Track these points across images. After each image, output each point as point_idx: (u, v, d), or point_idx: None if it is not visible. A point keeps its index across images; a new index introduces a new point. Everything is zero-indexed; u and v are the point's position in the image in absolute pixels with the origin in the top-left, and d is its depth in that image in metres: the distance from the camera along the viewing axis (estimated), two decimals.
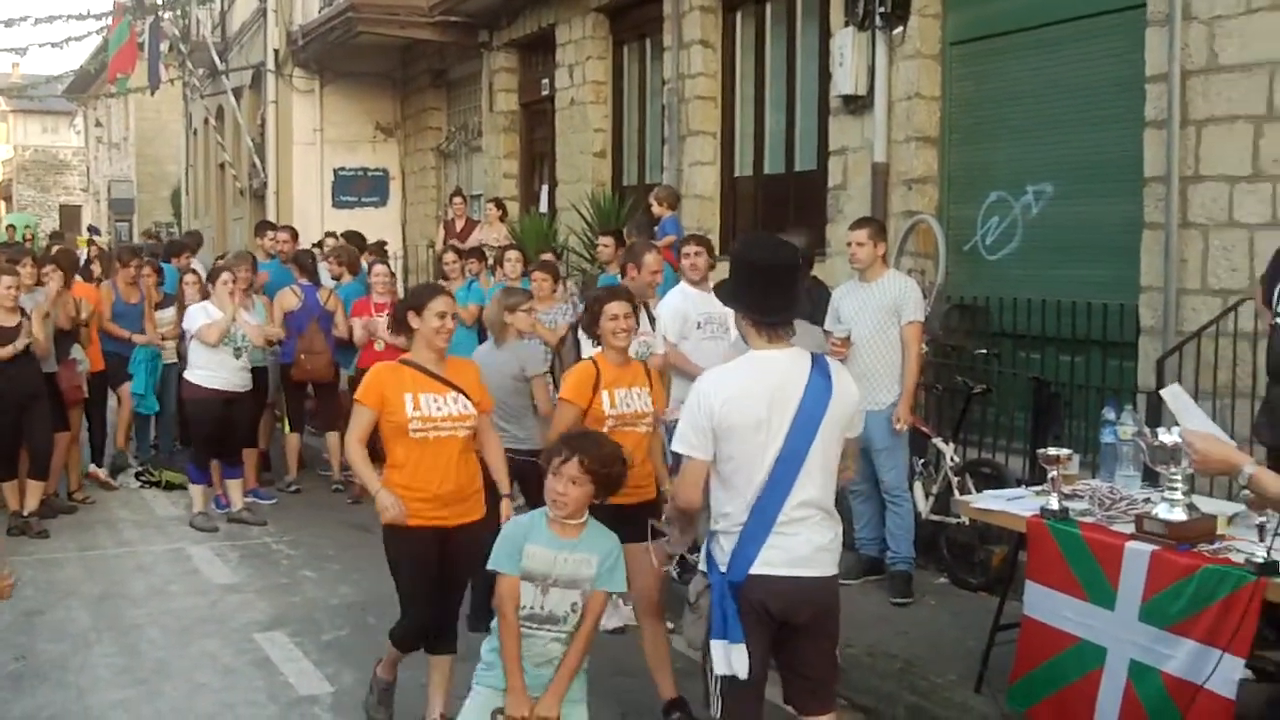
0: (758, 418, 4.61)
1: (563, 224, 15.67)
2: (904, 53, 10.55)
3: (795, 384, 4.66)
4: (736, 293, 4.85)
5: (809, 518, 4.69)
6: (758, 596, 4.64)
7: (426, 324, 6.00)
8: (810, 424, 4.64)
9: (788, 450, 4.61)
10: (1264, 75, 7.77)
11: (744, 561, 4.64)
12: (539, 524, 5.13)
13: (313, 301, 11.88)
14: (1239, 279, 7.86)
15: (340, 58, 21.18)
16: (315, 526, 10.79)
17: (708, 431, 4.65)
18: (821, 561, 4.74)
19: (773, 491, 4.62)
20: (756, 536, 4.63)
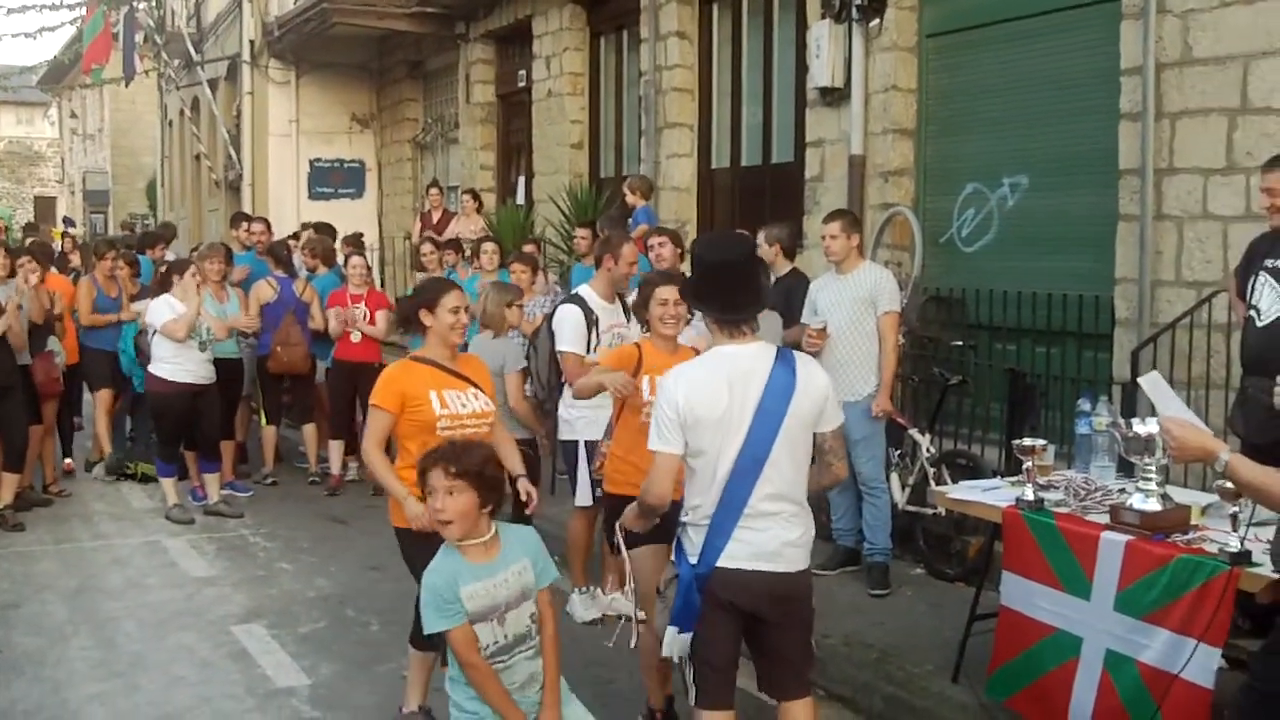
0: (721, 411, 4.66)
1: (540, 216, 15.68)
2: (880, 45, 10.57)
3: (758, 377, 4.70)
4: (697, 292, 4.95)
5: (778, 512, 4.73)
6: (723, 589, 4.70)
7: (440, 320, 5.85)
8: (773, 417, 4.68)
9: (751, 443, 4.65)
10: (1237, 68, 7.82)
11: (712, 553, 4.70)
12: (457, 562, 4.65)
13: (288, 293, 11.85)
14: (1213, 271, 7.91)
15: (316, 49, 21.11)
16: (292, 519, 10.77)
17: (676, 426, 4.69)
18: (789, 557, 4.78)
19: (738, 485, 4.67)
20: (723, 529, 4.68)
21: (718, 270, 4.87)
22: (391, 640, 7.66)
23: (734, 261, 4.90)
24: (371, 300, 11.66)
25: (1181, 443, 4.25)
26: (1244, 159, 7.76)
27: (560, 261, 13.66)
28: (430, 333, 5.92)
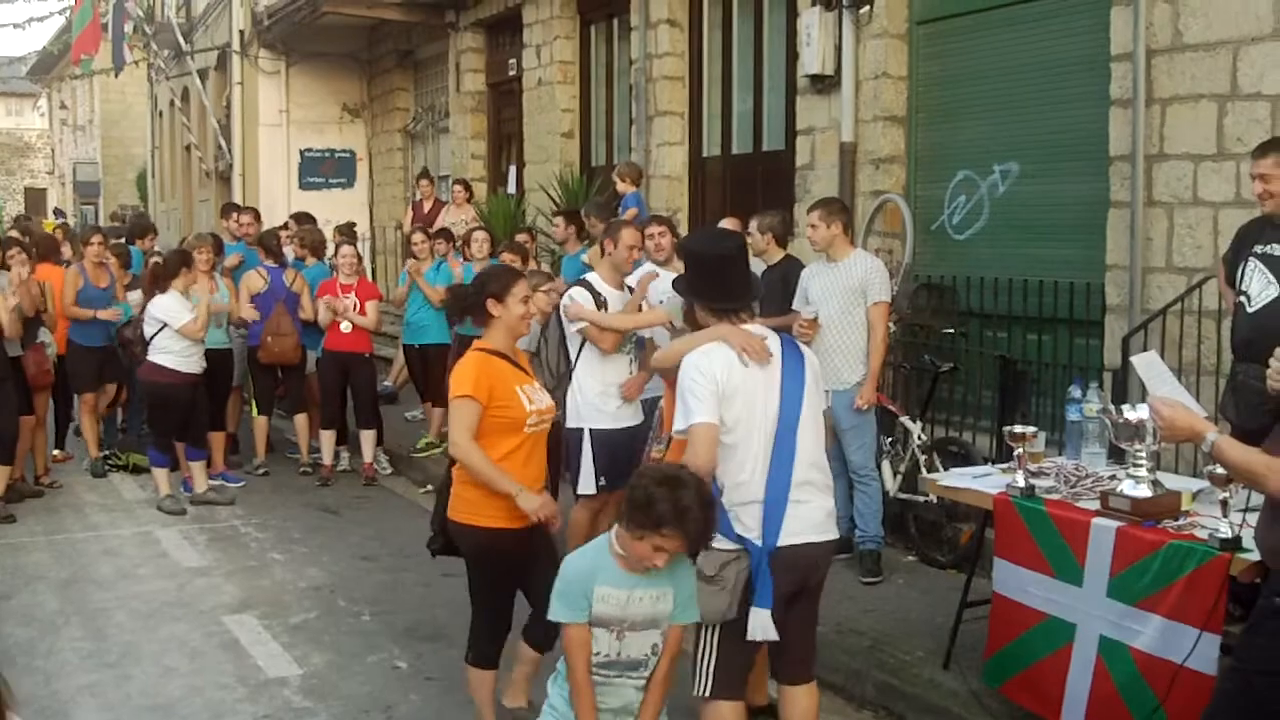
0: (752, 382, 4.80)
1: (531, 205, 15.65)
2: (871, 32, 10.55)
3: (774, 353, 4.89)
4: (692, 284, 5.09)
5: (814, 483, 4.89)
6: (786, 565, 4.78)
7: (511, 311, 5.57)
8: (796, 391, 4.86)
9: (784, 417, 4.82)
10: (1227, 54, 7.81)
11: (775, 528, 4.77)
12: (605, 560, 4.45)
13: (278, 284, 11.83)
14: (1203, 257, 7.91)
15: (306, 38, 21.07)
16: (283, 509, 10.76)
17: (712, 397, 4.74)
18: (831, 525, 4.98)
19: (781, 459, 4.79)
20: (780, 500, 4.77)
21: (712, 262, 5.05)
22: (383, 630, 7.68)
23: (726, 253, 5.09)
24: (362, 290, 11.64)
25: (1170, 423, 4.29)
26: (1234, 145, 7.75)
27: (552, 251, 13.64)
28: (498, 324, 5.62)
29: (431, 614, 7.91)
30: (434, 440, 12.08)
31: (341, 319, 11.38)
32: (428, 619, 7.83)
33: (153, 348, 10.49)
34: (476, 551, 5.63)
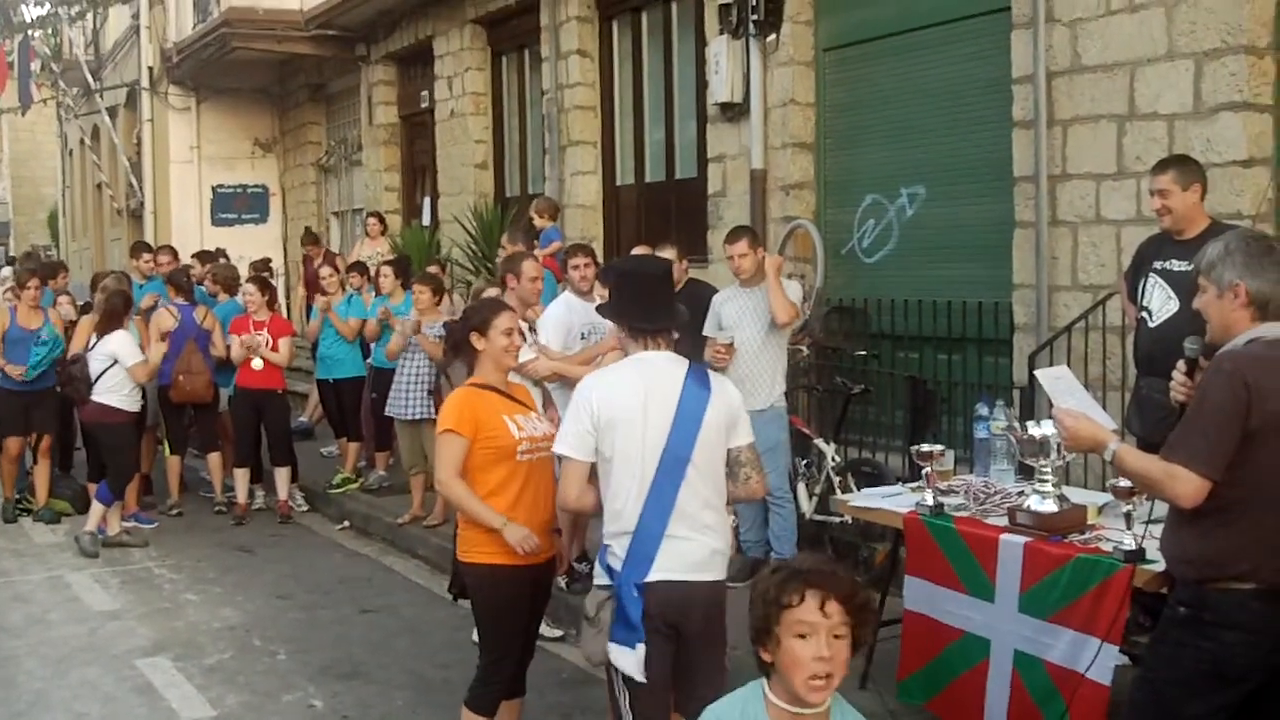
0: (634, 412, 4.67)
1: (445, 236, 15.61)
2: (778, 60, 10.65)
3: (672, 383, 4.75)
4: (616, 306, 5.00)
5: (700, 521, 4.72)
6: (656, 602, 4.64)
7: (494, 344, 5.54)
8: (690, 424, 4.69)
9: (671, 450, 4.66)
10: (1124, 75, 7.96)
11: (643, 563, 4.64)
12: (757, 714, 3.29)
13: (189, 321, 11.68)
14: (1107, 274, 8.03)
15: (216, 74, 20.91)
16: (198, 549, 10.60)
17: (587, 431, 4.70)
18: (714, 565, 4.79)
19: (661, 494, 4.64)
20: (652, 537, 4.64)
21: (633, 282, 4.97)
22: (299, 669, 7.59)
23: (649, 274, 5.04)
24: (274, 326, 11.53)
25: (1073, 433, 4.36)
26: (1134, 163, 7.89)
27: (468, 282, 13.61)
28: (483, 356, 5.58)
29: (348, 651, 7.83)
30: (350, 476, 11.99)
31: (254, 356, 11.26)
32: (344, 657, 7.75)
33: (100, 388, 10.35)
34: (475, 589, 5.55)
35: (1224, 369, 4.02)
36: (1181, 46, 7.64)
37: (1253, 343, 4.06)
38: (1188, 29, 7.59)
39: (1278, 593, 4.04)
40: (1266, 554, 4.02)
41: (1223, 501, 3.97)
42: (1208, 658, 4.07)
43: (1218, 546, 4.03)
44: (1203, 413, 4.01)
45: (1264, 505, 3.99)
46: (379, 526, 10.87)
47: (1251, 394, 3.92)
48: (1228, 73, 7.42)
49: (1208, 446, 3.95)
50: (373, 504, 11.39)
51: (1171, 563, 4.27)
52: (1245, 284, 4.06)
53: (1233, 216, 7.15)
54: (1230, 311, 4.12)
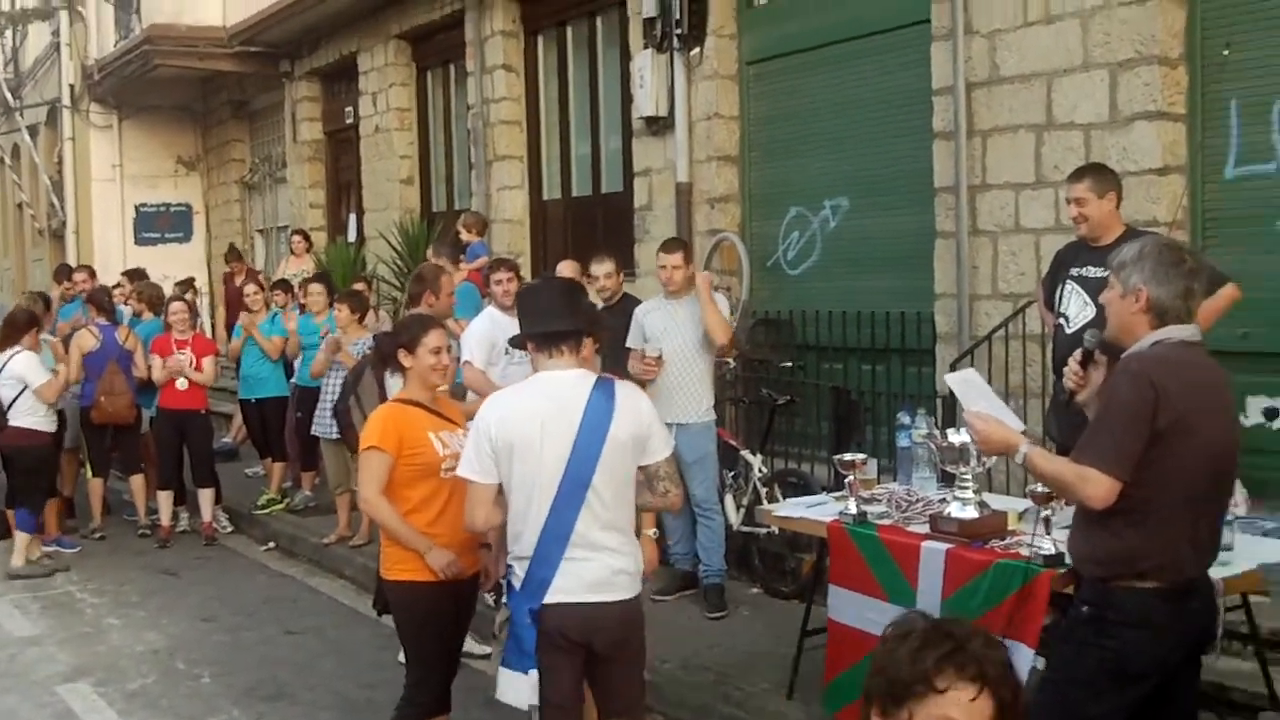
0: (532, 436, 4.58)
1: (371, 252, 15.52)
2: (702, 74, 10.69)
3: (575, 403, 4.63)
4: (522, 321, 4.93)
5: (604, 542, 4.64)
6: (556, 623, 4.59)
7: (421, 361, 5.50)
8: (592, 446, 4.59)
9: (571, 472, 4.57)
10: (1041, 85, 8.05)
11: (539, 587, 4.59)
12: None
13: (111, 341, 11.52)
14: (1027, 283, 8.11)
15: (138, 92, 20.71)
16: (120, 572, 10.44)
17: (488, 454, 4.64)
18: (620, 584, 4.69)
19: (562, 511, 4.58)
20: (550, 559, 4.58)
21: (533, 297, 4.95)
22: (223, 691, 7.49)
23: (546, 287, 5.05)
24: (197, 346, 11.39)
25: (985, 436, 4.41)
26: (1052, 173, 7.98)
27: (394, 299, 13.52)
28: (410, 374, 5.58)
29: (272, 673, 7.73)
30: (275, 496, 11.87)
31: (178, 377, 11.11)
32: (269, 678, 7.65)
33: (15, 411, 10.18)
34: (397, 606, 5.53)
35: (1131, 370, 4.07)
36: (1097, 57, 7.74)
37: (1157, 345, 4.10)
38: (1102, 40, 7.70)
39: (1180, 591, 4.10)
40: (1171, 553, 4.07)
41: (1131, 502, 4.00)
42: (1111, 656, 4.11)
43: (1125, 546, 4.07)
44: (1111, 415, 4.06)
45: (1170, 505, 4.03)
46: (305, 547, 10.76)
47: (1159, 395, 3.96)
48: (1141, 83, 7.53)
49: (1117, 448, 3.99)
50: (298, 524, 11.27)
51: (1079, 562, 4.31)
52: (1148, 290, 4.11)
53: (1149, 223, 7.25)
54: (1129, 314, 4.17)
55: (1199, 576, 4.21)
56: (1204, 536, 4.16)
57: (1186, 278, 4.12)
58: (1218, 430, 4.11)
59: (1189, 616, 4.15)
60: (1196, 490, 4.07)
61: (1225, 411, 4.22)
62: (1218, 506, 4.22)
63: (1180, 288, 4.11)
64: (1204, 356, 4.27)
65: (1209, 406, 4.09)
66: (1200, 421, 4.03)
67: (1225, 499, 4.27)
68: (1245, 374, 7.46)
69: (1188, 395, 4.01)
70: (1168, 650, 4.14)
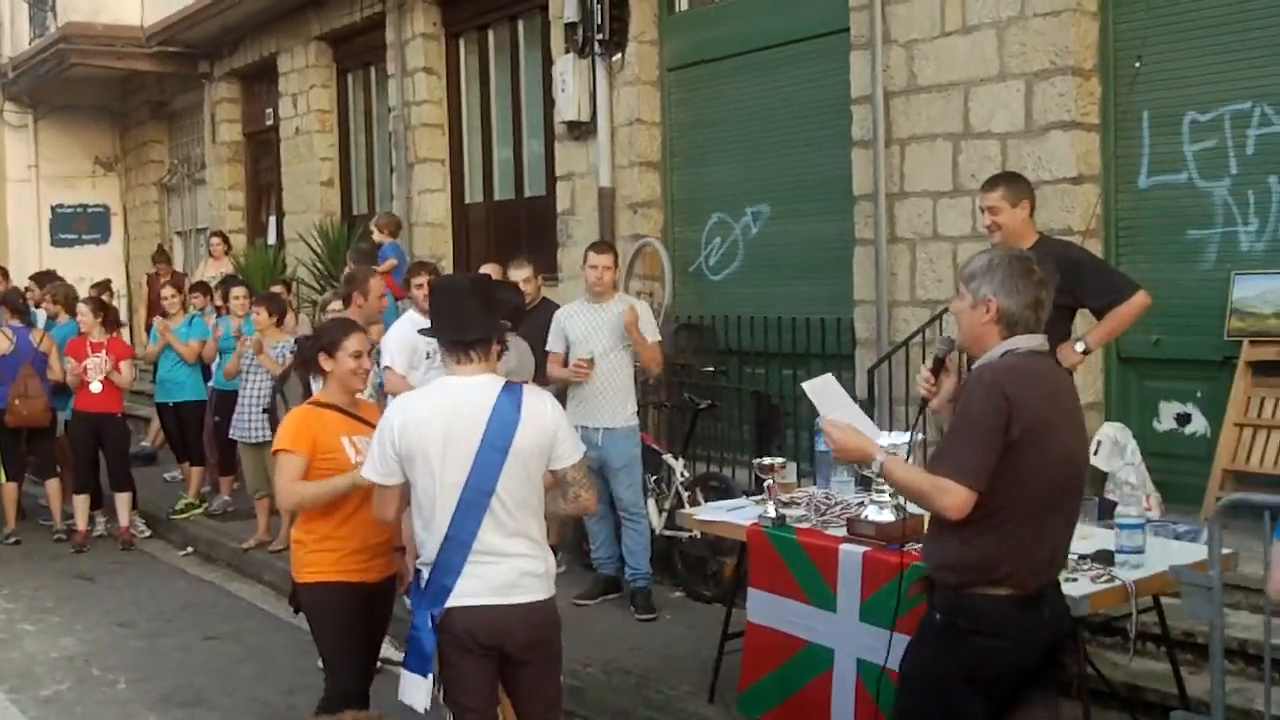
0: (434, 442, 4.53)
1: (291, 255, 15.41)
2: (624, 79, 10.73)
3: (479, 410, 4.58)
4: (433, 324, 4.87)
5: (509, 547, 4.59)
6: (462, 628, 4.56)
7: (341, 365, 5.47)
8: (496, 451, 4.54)
9: (475, 477, 4.52)
10: (959, 95, 8.17)
11: (441, 593, 4.55)
12: None
13: (25, 344, 11.36)
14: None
15: (55, 90, 20.38)
16: (35, 578, 10.29)
17: (391, 457, 4.60)
18: (528, 586, 4.64)
19: (464, 521, 4.53)
20: (452, 566, 4.54)
21: (443, 296, 4.85)
22: (139, 698, 7.41)
23: (458, 288, 4.88)
24: (114, 348, 11.24)
25: (840, 445, 4.42)
26: (968, 181, 8.09)
27: (314, 301, 13.43)
28: (330, 378, 5.55)
29: (190, 679, 7.66)
30: (193, 501, 11.76)
31: (91, 381, 10.96)
32: (185, 684, 7.57)
33: None
34: (309, 608, 5.51)
35: (985, 381, 4.09)
36: (1013, 67, 7.87)
37: (1008, 354, 4.14)
38: (1018, 50, 7.83)
39: (1032, 598, 4.14)
40: (1024, 560, 4.10)
41: (985, 510, 4.02)
42: (964, 663, 4.15)
43: (979, 553, 4.08)
44: (966, 425, 4.07)
45: (1024, 513, 4.06)
46: (223, 552, 10.67)
47: (1011, 405, 3.98)
48: (1056, 93, 7.66)
49: (972, 458, 4.01)
50: (217, 529, 11.17)
51: (933, 570, 4.31)
52: (997, 301, 4.14)
53: (1064, 231, 7.39)
54: (980, 323, 4.19)
55: (1050, 583, 4.26)
56: (1056, 544, 4.22)
57: (1036, 288, 4.16)
58: (1068, 438, 4.16)
59: (1042, 624, 4.18)
60: (1048, 498, 4.11)
61: (1074, 419, 4.26)
62: (1068, 512, 4.25)
63: (1030, 298, 4.14)
64: (1052, 366, 4.36)
65: (1059, 415, 4.14)
66: (1052, 430, 4.07)
67: (1075, 506, 4.30)
68: (1158, 380, 7.68)
69: (1039, 405, 4.05)
70: (1020, 657, 4.18)
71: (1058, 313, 6.36)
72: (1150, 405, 7.71)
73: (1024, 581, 4.11)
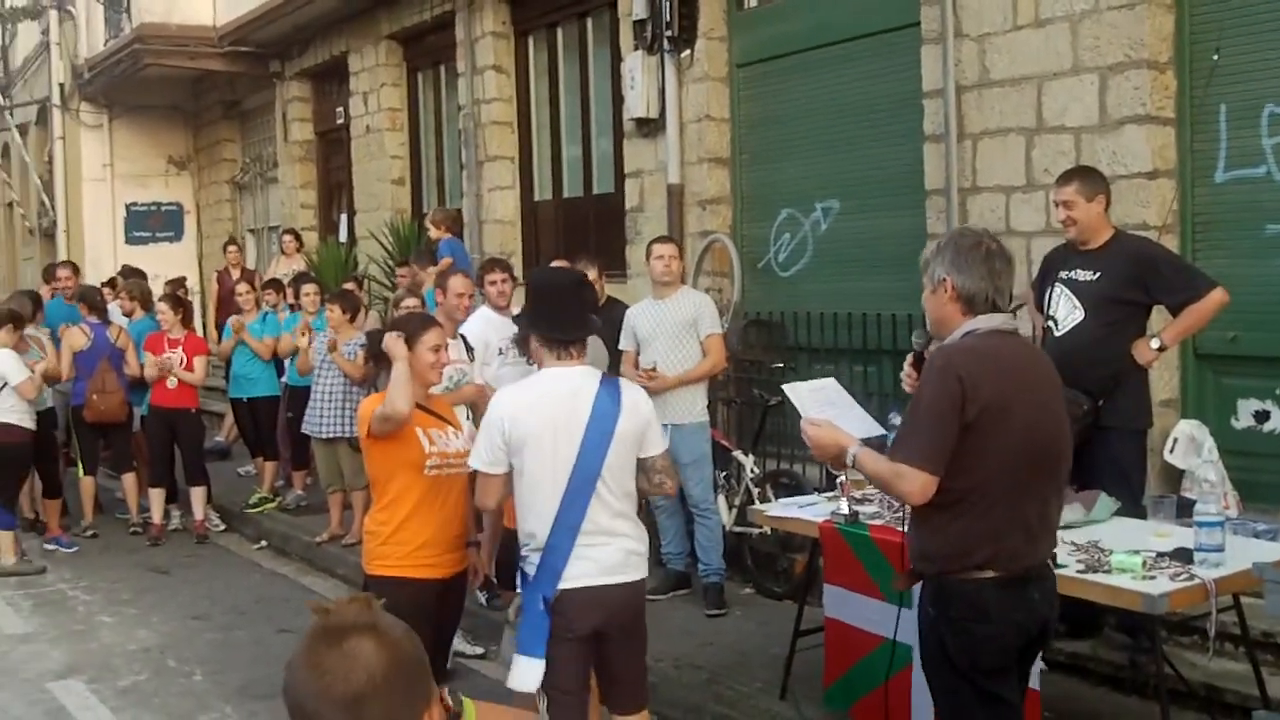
0: (543, 431, 4.73)
1: (362, 252, 15.53)
2: (693, 75, 10.72)
3: (583, 399, 4.80)
4: (530, 317, 5.05)
5: (616, 528, 4.82)
6: (571, 609, 4.72)
7: (420, 359, 5.54)
8: (602, 436, 4.77)
9: (583, 462, 4.73)
10: (1032, 89, 8.09)
11: (552, 575, 4.72)
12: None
13: (102, 340, 11.54)
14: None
15: (129, 91, 20.65)
16: (112, 570, 10.47)
17: (499, 447, 4.77)
18: (634, 565, 4.90)
19: (573, 504, 4.72)
20: (562, 549, 4.72)
21: (547, 293, 5.05)
22: (215, 689, 7.52)
23: (562, 286, 5.11)
24: (189, 345, 11.40)
25: (815, 441, 4.42)
26: (1042, 176, 8.01)
27: (385, 299, 13.54)
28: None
29: (264, 671, 7.75)
30: (266, 495, 11.89)
31: (168, 376, 11.13)
32: (261, 676, 7.67)
33: None
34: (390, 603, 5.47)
35: (936, 365, 4.12)
36: (1086, 61, 7.79)
37: (967, 336, 4.16)
38: (1092, 44, 7.74)
39: (1018, 580, 4.14)
40: (1000, 542, 4.09)
41: (952, 495, 4.04)
42: (965, 653, 4.16)
43: (954, 539, 4.11)
44: (920, 410, 4.11)
45: (991, 494, 4.06)
46: (297, 546, 10.79)
47: (965, 387, 3.98)
48: (1131, 86, 7.57)
49: (928, 443, 4.03)
50: (291, 523, 11.30)
51: (915, 560, 4.34)
52: (952, 279, 4.16)
53: (1138, 227, 7.30)
54: (942, 306, 4.22)
55: (1036, 565, 4.23)
56: (1034, 523, 4.17)
57: (987, 259, 4.18)
58: (1034, 413, 4.13)
59: (1029, 606, 4.18)
60: (1017, 476, 4.08)
61: (1042, 394, 4.22)
62: (1046, 491, 4.22)
63: (983, 270, 4.16)
64: (1015, 343, 4.30)
65: (1022, 391, 4.11)
66: (1013, 407, 4.05)
67: (1052, 483, 4.26)
68: (1235, 377, 7.57)
69: (996, 384, 4.03)
70: (1012, 639, 4.19)
71: (1131, 309, 6.38)
72: (1228, 403, 7.60)
73: (1004, 564, 4.11)
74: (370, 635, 2.17)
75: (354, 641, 2.15)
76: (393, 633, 2.23)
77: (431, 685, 2.28)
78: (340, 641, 2.15)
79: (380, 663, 2.14)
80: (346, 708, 2.11)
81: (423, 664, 2.27)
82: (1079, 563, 5.09)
